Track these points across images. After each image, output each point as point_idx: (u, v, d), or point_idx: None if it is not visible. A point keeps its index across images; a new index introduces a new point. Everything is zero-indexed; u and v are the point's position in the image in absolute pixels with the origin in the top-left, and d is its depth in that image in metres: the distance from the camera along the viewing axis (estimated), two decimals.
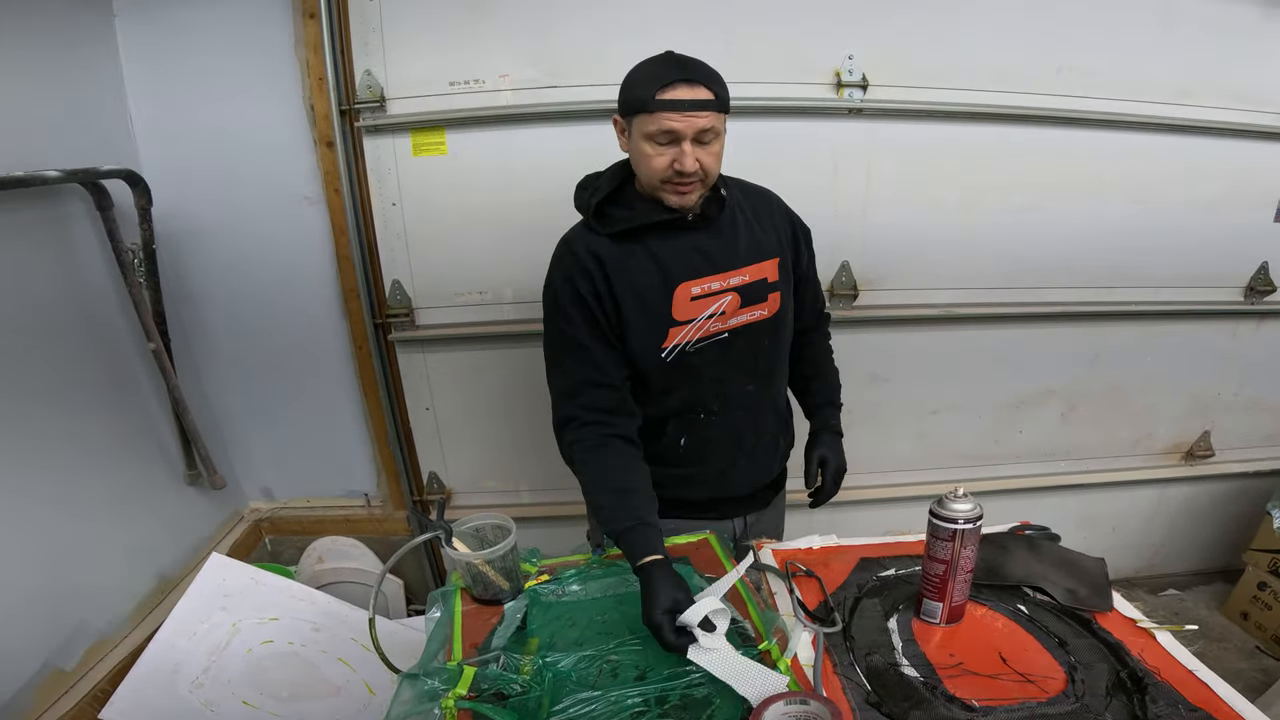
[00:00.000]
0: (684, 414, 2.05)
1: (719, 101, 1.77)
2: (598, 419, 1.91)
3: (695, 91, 1.74)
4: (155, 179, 2.74)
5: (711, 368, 1.99)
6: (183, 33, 2.73)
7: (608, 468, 1.89)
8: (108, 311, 2.70)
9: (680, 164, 1.78)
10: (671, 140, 1.78)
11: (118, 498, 2.71)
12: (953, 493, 1.56)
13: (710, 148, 1.81)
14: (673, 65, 1.78)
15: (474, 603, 1.78)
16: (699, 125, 1.75)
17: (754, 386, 2.07)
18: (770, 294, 2.00)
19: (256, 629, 2.53)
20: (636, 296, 1.91)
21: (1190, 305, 3.35)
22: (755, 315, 1.99)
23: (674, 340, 1.94)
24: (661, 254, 1.92)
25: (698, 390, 2.02)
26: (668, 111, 1.74)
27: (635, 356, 1.95)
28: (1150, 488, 3.77)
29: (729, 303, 1.95)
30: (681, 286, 1.92)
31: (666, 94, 1.74)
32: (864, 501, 3.53)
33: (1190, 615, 3.72)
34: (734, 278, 1.95)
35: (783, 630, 1.57)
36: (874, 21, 2.81)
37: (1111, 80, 2.93)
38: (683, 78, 1.74)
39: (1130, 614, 1.66)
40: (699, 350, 1.96)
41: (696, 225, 1.94)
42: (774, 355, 2.10)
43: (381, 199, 2.93)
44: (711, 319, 1.95)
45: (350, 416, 3.35)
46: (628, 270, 1.91)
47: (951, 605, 1.61)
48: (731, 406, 2.06)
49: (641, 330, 1.93)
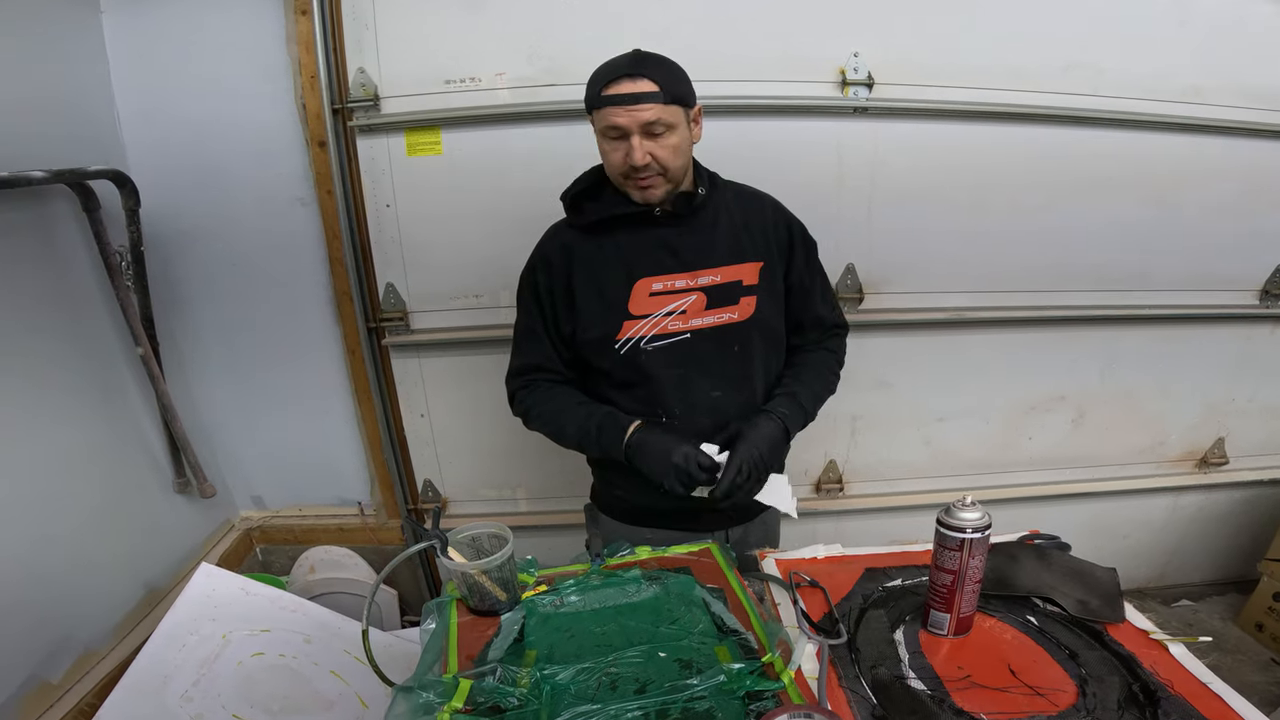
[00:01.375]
0: (645, 415, 2.05)
1: (664, 93, 1.81)
2: (545, 381, 2.16)
3: (637, 85, 1.80)
4: (143, 180, 2.74)
5: (670, 368, 2.02)
6: (171, 30, 2.73)
7: (563, 396, 2.12)
8: (94, 315, 2.70)
9: (630, 158, 1.84)
10: (621, 135, 1.84)
11: (104, 507, 2.70)
12: (960, 501, 1.56)
13: (663, 140, 1.85)
14: (625, 61, 1.84)
15: (470, 614, 1.77)
16: (642, 119, 1.81)
17: (721, 393, 2.06)
18: (743, 297, 2.02)
19: (247, 641, 2.53)
20: (597, 288, 1.99)
21: (1204, 309, 3.35)
22: (722, 318, 2.01)
23: (627, 333, 1.99)
24: (628, 247, 1.99)
25: (657, 390, 2.04)
26: (611, 106, 1.82)
27: (590, 347, 2.03)
28: (1163, 496, 3.76)
29: (692, 303, 1.98)
30: (642, 281, 1.97)
31: (611, 89, 1.82)
32: (869, 510, 3.53)
33: (1204, 627, 3.72)
34: (703, 277, 1.99)
35: (786, 642, 1.57)
36: (880, 18, 2.81)
37: (1123, 78, 2.93)
38: (627, 72, 1.81)
39: (1142, 625, 1.66)
40: (656, 348, 2.00)
41: (667, 221, 1.98)
42: (746, 362, 2.08)
43: (375, 200, 2.94)
44: (670, 317, 1.98)
45: (343, 423, 3.34)
46: (594, 262, 2.00)
47: (959, 616, 1.60)
48: (695, 411, 2.06)
49: (597, 321, 2.00)
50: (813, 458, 3.49)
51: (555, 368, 2.14)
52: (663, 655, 1.54)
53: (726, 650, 1.55)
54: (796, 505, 2.05)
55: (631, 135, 1.83)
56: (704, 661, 1.51)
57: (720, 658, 1.52)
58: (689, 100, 1.89)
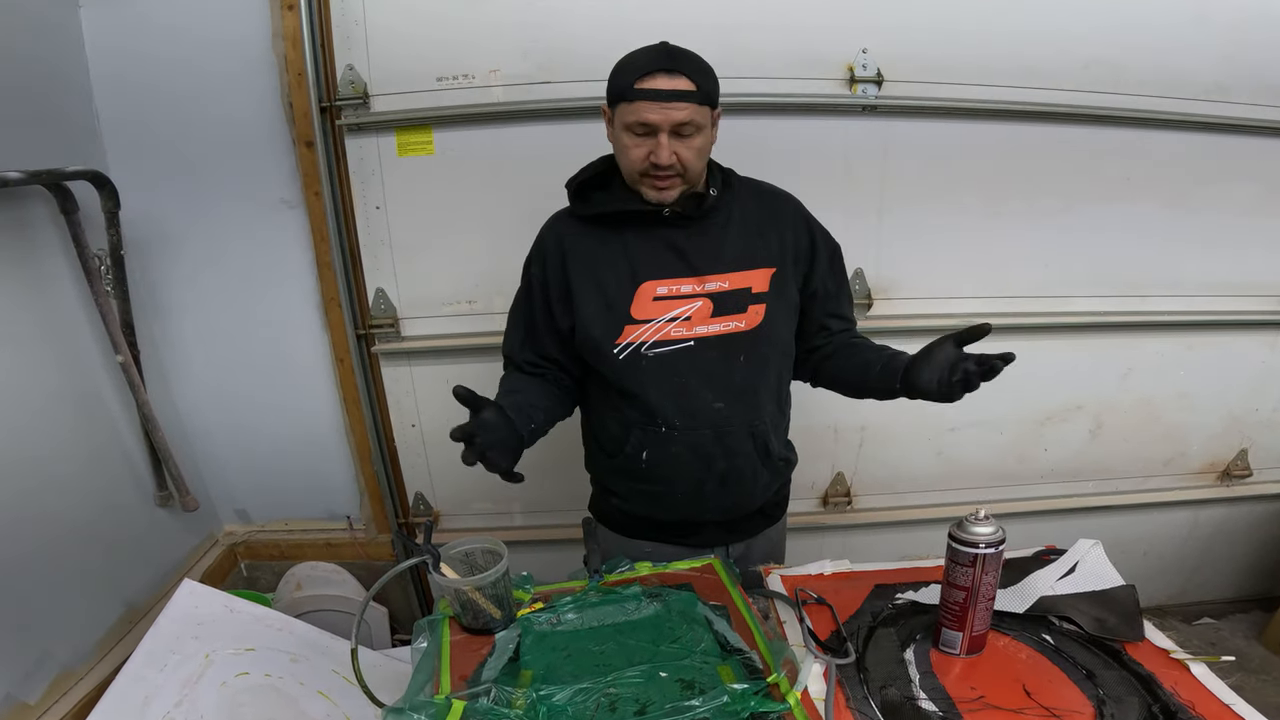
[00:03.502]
0: (645, 425, 2.06)
1: (700, 93, 1.80)
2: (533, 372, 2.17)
3: (675, 82, 1.78)
4: (123, 181, 2.73)
5: (672, 377, 2.00)
6: (153, 26, 2.73)
7: (517, 380, 2.14)
8: (72, 322, 2.69)
9: (655, 156, 1.83)
10: (648, 132, 1.82)
11: (83, 521, 2.69)
12: (973, 515, 1.57)
13: (690, 141, 1.84)
14: (658, 55, 1.81)
15: (463, 632, 1.77)
16: (676, 118, 1.79)
17: (724, 405, 2.03)
18: (752, 305, 1.99)
19: (231, 660, 2.53)
20: (597, 287, 1.99)
21: (1227, 315, 3.35)
22: (729, 327, 1.99)
23: (628, 338, 1.98)
24: (635, 248, 1.97)
25: (657, 399, 2.02)
26: (645, 101, 1.79)
27: (589, 349, 2.03)
28: (1184, 509, 3.76)
29: (698, 309, 1.96)
30: (647, 284, 1.96)
31: (645, 83, 1.79)
32: (879, 524, 3.53)
33: (1227, 645, 3.72)
34: (710, 282, 1.97)
35: (792, 662, 1.57)
36: (889, 12, 2.82)
37: (1143, 76, 2.93)
38: (664, 67, 1.78)
39: (1162, 644, 1.66)
40: (657, 355, 1.98)
41: (677, 223, 1.96)
42: (753, 374, 2.05)
43: (364, 202, 2.95)
44: (673, 323, 1.96)
45: (331, 434, 3.34)
46: (595, 259, 1.99)
47: (972, 635, 1.61)
48: (697, 424, 2.04)
49: (596, 322, 1.99)
50: (820, 470, 3.49)
51: (549, 356, 2.14)
52: (664, 675, 1.54)
53: (730, 670, 1.55)
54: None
55: (660, 133, 1.81)
56: (706, 682, 1.52)
57: (723, 678, 1.52)
58: (715, 102, 1.88)
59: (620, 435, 2.11)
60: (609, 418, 2.14)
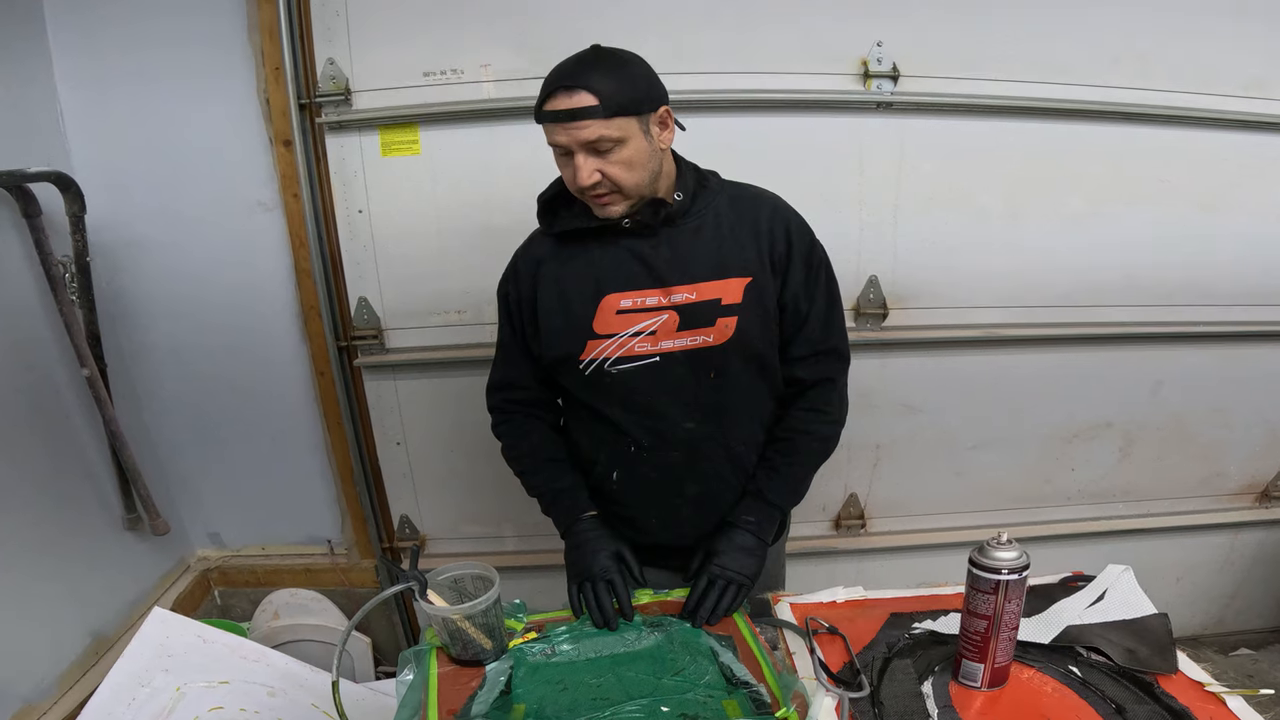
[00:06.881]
0: (614, 445, 2.08)
1: (607, 106, 1.73)
2: (521, 410, 2.24)
3: (574, 99, 1.73)
4: (89, 183, 2.75)
5: (638, 395, 2.00)
6: (121, 19, 2.75)
7: (535, 438, 2.21)
8: (34, 333, 2.70)
9: (576, 178, 1.80)
10: (568, 152, 1.80)
11: (45, 545, 2.70)
12: (995, 539, 1.57)
13: (613, 156, 1.79)
14: (561, 72, 1.78)
15: (451, 663, 1.78)
16: (582, 137, 1.75)
17: (694, 425, 2.03)
18: (721, 318, 1.95)
19: (204, 694, 2.53)
20: (563, 302, 1.99)
21: (1265, 326, 3.34)
22: (696, 341, 1.96)
23: (590, 354, 1.98)
24: (598, 261, 1.96)
25: (624, 418, 2.03)
26: (549, 123, 1.78)
27: (555, 365, 2.05)
28: (1220, 533, 3.75)
29: (663, 323, 1.94)
30: (609, 297, 1.94)
31: (549, 104, 1.77)
32: (894, 549, 3.53)
33: (1266, 678, 3.71)
34: (677, 294, 1.93)
35: (802, 695, 1.57)
36: (906, 4, 2.82)
37: (1176, 71, 2.93)
38: (564, 85, 1.74)
39: (1197, 676, 1.66)
40: (621, 372, 1.98)
41: (642, 233, 1.94)
42: (725, 392, 2.03)
43: (346, 205, 2.95)
44: (637, 337, 1.95)
45: (311, 452, 3.35)
46: (561, 275, 2.00)
47: (994, 667, 1.61)
48: (667, 444, 2.04)
49: (560, 339, 2.00)
50: (832, 491, 3.48)
51: (527, 384, 2.19)
52: (665, 710, 1.54)
53: (736, 704, 1.55)
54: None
55: (575, 154, 1.78)
56: (711, 717, 1.52)
57: (729, 712, 1.52)
58: (642, 107, 1.80)
59: (591, 454, 2.14)
60: (581, 436, 2.18)
